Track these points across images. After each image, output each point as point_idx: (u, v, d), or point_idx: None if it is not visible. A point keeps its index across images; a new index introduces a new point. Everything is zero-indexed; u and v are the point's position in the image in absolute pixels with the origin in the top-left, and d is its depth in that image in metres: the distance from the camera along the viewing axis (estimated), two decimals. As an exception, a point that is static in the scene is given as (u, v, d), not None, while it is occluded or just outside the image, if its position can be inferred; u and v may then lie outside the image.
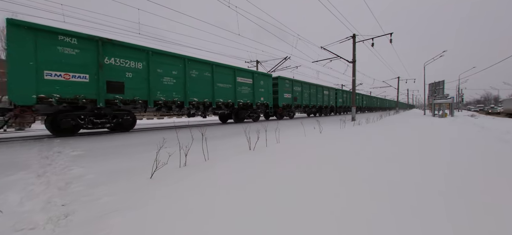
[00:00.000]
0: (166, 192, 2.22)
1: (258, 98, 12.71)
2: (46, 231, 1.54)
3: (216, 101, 10.31)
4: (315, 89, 18.93)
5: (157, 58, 8.12)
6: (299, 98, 16.68)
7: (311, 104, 18.18)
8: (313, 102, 18.51)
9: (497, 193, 2.15)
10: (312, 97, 18.40)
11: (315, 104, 18.86)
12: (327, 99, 21.28)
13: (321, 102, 19.94)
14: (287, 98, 15.36)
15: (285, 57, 19.64)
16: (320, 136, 6.24)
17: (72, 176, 2.76)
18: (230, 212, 1.78)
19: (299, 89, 16.65)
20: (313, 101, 18.52)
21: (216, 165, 3.19)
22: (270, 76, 14.05)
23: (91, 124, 7.08)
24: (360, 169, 2.97)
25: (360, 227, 1.54)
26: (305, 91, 17.45)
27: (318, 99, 19.48)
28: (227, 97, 10.83)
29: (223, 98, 10.63)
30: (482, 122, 11.26)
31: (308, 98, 17.87)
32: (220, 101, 10.46)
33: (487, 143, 5.12)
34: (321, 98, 20.09)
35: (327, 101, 21.18)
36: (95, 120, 7.12)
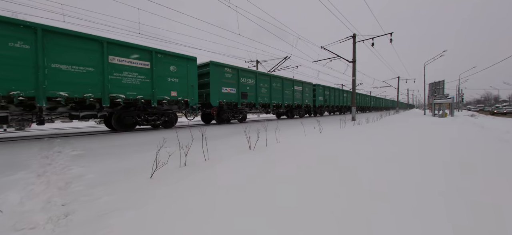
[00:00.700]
0: (166, 192, 2.22)
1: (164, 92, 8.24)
2: (46, 231, 1.54)
3: None
4: (280, 83, 14.57)
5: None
6: (252, 94, 12.47)
7: (272, 102, 13.87)
8: (276, 100, 14.26)
9: (497, 193, 2.15)
10: (274, 93, 14.09)
11: (280, 102, 14.58)
12: (300, 96, 16.82)
13: (290, 100, 15.61)
14: (228, 94, 10.99)
15: (285, 57, 19.64)
16: (320, 135, 6.24)
17: (72, 175, 2.77)
18: (230, 212, 1.78)
19: (251, 81, 12.36)
20: (276, 99, 14.24)
21: (216, 165, 3.19)
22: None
23: None
24: (360, 169, 2.97)
25: (360, 227, 1.54)
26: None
27: (286, 97, 15.17)
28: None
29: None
30: (482, 122, 11.26)
31: (268, 95, 13.58)
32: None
33: (487, 143, 5.12)
34: (291, 96, 15.66)
35: (300, 100, 16.71)
36: None
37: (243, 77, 11.92)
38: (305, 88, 17.54)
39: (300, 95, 16.75)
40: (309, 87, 18.13)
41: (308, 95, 17.87)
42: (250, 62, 22.20)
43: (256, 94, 12.74)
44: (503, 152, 4.03)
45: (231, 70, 11.18)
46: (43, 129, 12.33)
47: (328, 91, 22.05)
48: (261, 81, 13.15)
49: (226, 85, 10.93)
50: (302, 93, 17.04)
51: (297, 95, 16.44)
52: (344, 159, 3.52)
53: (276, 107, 14.73)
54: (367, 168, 3.01)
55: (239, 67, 11.76)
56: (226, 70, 10.96)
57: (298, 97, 16.54)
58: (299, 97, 16.62)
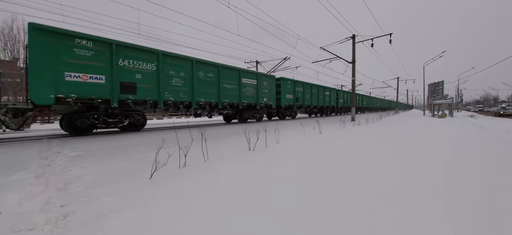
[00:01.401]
0: (165, 192, 2.21)
1: (261, 99, 12.86)
2: (45, 232, 1.53)
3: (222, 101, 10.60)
4: (316, 89, 18.85)
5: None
6: (301, 98, 16.64)
7: (312, 104, 18.12)
8: (314, 103, 18.47)
9: (497, 193, 2.15)
10: (313, 97, 18.34)
11: (316, 104, 18.78)
12: (328, 99, 21.08)
13: (322, 102, 19.83)
14: (289, 99, 15.31)
15: (285, 58, 19.65)
16: (320, 136, 6.24)
17: (71, 176, 2.76)
18: (230, 212, 1.77)
19: (301, 89, 16.64)
20: (314, 101, 18.48)
21: (216, 166, 3.19)
22: (274, 77, 14.06)
23: None
24: (360, 169, 2.97)
25: (360, 226, 1.54)
26: (306, 92, 17.37)
27: (320, 100, 19.40)
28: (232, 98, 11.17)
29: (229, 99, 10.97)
30: (481, 123, 11.29)
31: (310, 99, 17.81)
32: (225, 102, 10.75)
33: (487, 143, 5.13)
34: (322, 99, 19.94)
35: (328, 102, 20.99)
36: None
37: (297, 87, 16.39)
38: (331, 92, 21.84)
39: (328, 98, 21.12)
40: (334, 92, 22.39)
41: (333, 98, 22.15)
42: (250, 62, 22.21)
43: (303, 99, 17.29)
44: (503, 152, 4.03)
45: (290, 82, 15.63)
46: (42, 130, 12.30)
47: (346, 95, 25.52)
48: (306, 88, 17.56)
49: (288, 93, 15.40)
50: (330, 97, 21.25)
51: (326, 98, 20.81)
52: (344, 159, 3.52)
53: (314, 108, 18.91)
54: (367, 168, 3.01)
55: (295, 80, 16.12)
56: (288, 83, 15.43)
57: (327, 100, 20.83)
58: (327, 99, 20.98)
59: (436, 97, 20.68)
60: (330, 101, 21.47)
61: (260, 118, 13.85)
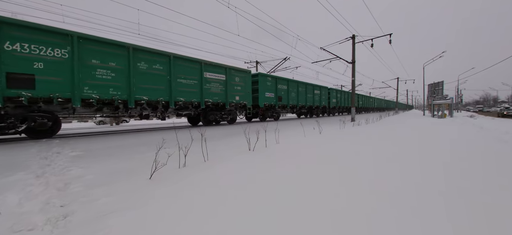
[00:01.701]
0: (165, 193, 2.21)
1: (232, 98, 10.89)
2: (44, 232, 1.53)
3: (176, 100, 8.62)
4: (304, 87, 17.13)
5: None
6: (285, 97, 14.95)
7: (299, 104, 16.39)
8: (301, 102, 16.76)
9: (497, 193, 2.15)
10: (300, 96, 16.66)
11: (304, 104, 17.10)
12: (319, 99, 19.40)
13: (311, 102, 18.16)
14: (269, 98, 13.61)
15: (284, 58, 19.66)
16: (319, 136, 6.24)
17: (71, 176, 2.75)
18: (230, 212, 1.77)
19: (284, 87, 14.87)
20: (301, 101, 16.76)
21: (216, 166, 3.19)
22: (249, 72, 12.15)
23: None
24: (360, 169, 2.97)
25: (360, 226, 1.54)
26: (292, 90, 15.61)
27: (308, 99, 17.70)
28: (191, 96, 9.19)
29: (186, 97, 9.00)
30: (481, 123, 11.29)
31: (296, 98, 16.13)
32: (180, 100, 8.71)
33: (487, 143, 5.13)
34: (311, 98, 18.20)
35: (318, 101, 19.28)
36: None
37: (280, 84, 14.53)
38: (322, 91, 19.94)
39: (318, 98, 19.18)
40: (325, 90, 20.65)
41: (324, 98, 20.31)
42: (250, 62, 22.22)
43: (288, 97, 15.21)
44: (503, 153, 4.04)
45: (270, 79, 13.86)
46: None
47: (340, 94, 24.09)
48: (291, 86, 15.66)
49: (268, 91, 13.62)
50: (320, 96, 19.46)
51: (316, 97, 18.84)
52: (343, 159, 3.52)
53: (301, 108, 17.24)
54: (367, 168, 3.01)
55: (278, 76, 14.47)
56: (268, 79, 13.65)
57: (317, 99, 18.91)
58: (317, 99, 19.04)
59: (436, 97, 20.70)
60: (320, 100, 19.70)
61: (232, 120, 11.96)
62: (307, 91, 17.55)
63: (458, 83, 34.72)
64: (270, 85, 13.70)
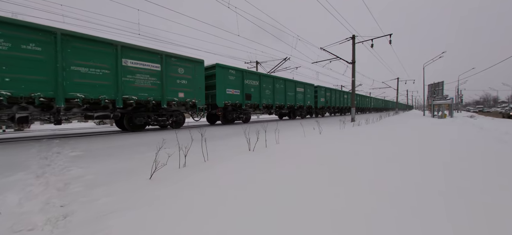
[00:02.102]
0: (165, 193, 2.21)
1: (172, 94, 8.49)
2: (44, 232, 1.53)
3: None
4: (282, 84, 14.60)
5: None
6: (256, 95, 12.50)
7: (275, 103, 13.93)
8: (279, 101, 14.28)
9: (497, 193, 2.15)
10: (278, 94, 14.19)
11: (283, 103, 14.60)
12: (302, 97, 16.83)
13: (292, 101, 15.60)
14: (232, 95, 11.10)
15: (284, 58, 19.67)
16: (319, 136, 6.24)
17: (71, 176, 2.75)
18: (230, 212, 1.77)
19: (255, 83, 12.47)
20: (279, 99, 14.28)
21: (216, 166, 3.19)
22: (199, 63, 9.52)
23: None
24: (360, 169, 2.97)
25: (360, 227, 1.54)
26: (266, 87, 13.16)
27: (289, 98, 15.21)
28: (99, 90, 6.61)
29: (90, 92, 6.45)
30: (481, 123, 11.30)
31: (272, 96, 13.64)
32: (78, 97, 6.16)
33: (487, 143, 5.13)
34: (293, 97, 15.68)
35: (301, 101, 16.73)
36: None
37: (248, 79, 12.08)
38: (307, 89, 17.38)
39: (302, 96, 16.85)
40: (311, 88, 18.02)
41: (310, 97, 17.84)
42: (250, 63, 22.23)
43: (260, 96, 12.73)
44: (503, 153, 4.03)
45: (234, 72, 11.33)
46: (42, 130, 12.30)
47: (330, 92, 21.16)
48: (264, 82, 13.07)
49: (230, 87, 11.08)
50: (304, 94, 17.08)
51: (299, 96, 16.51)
52: (343, 159, 3.52)
53: (280, 108, 14.79)
54: (367, 168, 3.01)
55: (245, 69, 12.03)
56: (230, 72, 11.09)
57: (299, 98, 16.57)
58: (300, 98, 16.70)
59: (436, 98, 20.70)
60: (305, 100, 17.01)
61: (175, 124, 9.21)
62: (287, 88, 14.90)
63: (458, 83, 34.74)
64: (233, 79, 11.12)
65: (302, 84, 16.79)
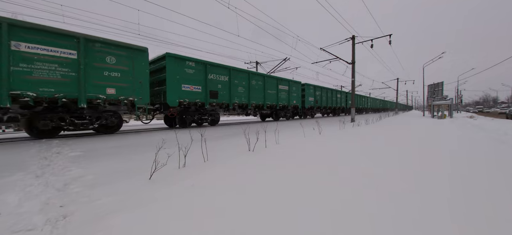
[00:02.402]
0: (165, 193, 2.21)
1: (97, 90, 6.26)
2: (44, 233, 1.53)
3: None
4: (260, 81, 14.00)
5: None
6: (225, 93, 11.79)
7: (251, 103, 13.32)
8: (256, 101, 13.74)
9: (497, 193, 2.15)
10: (254, 92, 13.52)
11: (261, 103, 14.14)
12: (286, 97, 16.39)
13: (273, 100, 15.14)
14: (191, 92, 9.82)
15: (284, 58, 19.68)
16: (319, 137, 6.25)
17: (70, 177, 2.75)
18: (230, 213, 1.77)
19: (223, 79, 11.39)
20: (256, 98, 13.71)
21: (216, 166, 3.19)
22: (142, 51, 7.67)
23: None
24: (360, 169, 2.97)
25: (360, 226, 1.54)
26: (238, 84, 12.28)
27: (269, 97, 14.69)
28: None
29: None
30: (481, 124, 11.31)
31: (246, 94, 12.95)
32: None
33: (486, 143, 5.13)
34: (274, 96, 15.25)
35: (285, 100, 16.27)
36: None
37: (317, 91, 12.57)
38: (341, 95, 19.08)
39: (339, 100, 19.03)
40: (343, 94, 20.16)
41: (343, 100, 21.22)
42: (250, 63, 22.25)
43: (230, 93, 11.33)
44: (503, 152, 4.04)
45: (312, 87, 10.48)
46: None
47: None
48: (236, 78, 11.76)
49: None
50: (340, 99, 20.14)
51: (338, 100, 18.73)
52: (344, 159, 3.52)
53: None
54: (367, 168, 3.01)
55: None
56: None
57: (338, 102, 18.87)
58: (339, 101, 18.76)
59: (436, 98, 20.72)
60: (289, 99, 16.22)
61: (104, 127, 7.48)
62: (266, 85, 13.77)
63: (458, 83, 34.78)
64: (192, 73, 9.54)
65: (286, 81, 15.67)
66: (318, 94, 19.30)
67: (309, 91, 18.15)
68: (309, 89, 18.08)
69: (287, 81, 15.75)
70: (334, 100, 22.25)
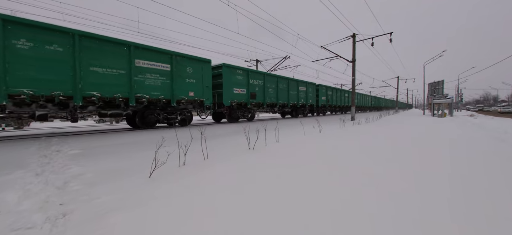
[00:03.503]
0: (165, 191, 2.20)
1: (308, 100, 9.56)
2: (43, 231, 1.53)
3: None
4: (285, 83, 14.93)
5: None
6: (260, 94, 12.80)
7: (279, 102, 14.25)
8: (282, 100, 14.61)
9: (497, 192, 2.14)
10: (281, 93, 14.44)
11: (285, 102, 14.97)
12: (304, 96, 17.21)
13: (295, 100, 16.01)
14: (238, 94, 11.44)
15: (285, 56, 19.62)
16: (319, 135, 6.24)
17: (70, 175, 2.75)
18: (230, 211, 1.77)
19: (259, 82, 12.73)
20: (282, 98, 14.60)
21: (216, 164, 3.18)
22: (207, 61, 9.87)
23: None
24: (360, 168, 2.96)
25: (360, 226, 1.54)
26: (269, 86, 13.39)
27: (291, 97, 15.55)
28: None
29: None
30: (481, 122, 11.30)
31: (275, 95, 13.91)
32: None
33: (486, 142, 5.13)
34: (295, 95, 16.00)
35: (304, 99, 17.13)
36: None
37: (253, 79, 12.49)
38: (309, 88, 18.06)
39: (304, 95, 17.47)
40: (312, 87, 18.70)
41: (312, 95, 18.54)
42: (250, 61, 22.18)
43: (264, 94, 13.18)
44: (503, 152, 4.03)
45: (241, 72, 11.77)
46: (42, 128, 12.29)
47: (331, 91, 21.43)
48: (268, 81, 13.54)
49: (237, 87, 11.51)
50: (306, 93, 17.74)
51: (301, 94, 17.12)
52: (344, 158, 3.51)
53: (282, 106, 15.22)
54: (367, 167, 3.00)
55: (250, 69, 12.49)
56: (237, 72, 11.52)
57: (302, 97, 17.19)
58: (303, 97, 17.32)
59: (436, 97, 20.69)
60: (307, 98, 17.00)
61: (183, 121, 9.80)
62: (289, 87, 15.39)
63: (458, 82, 34.71)
64: (240, 79, 11.51)
65: (304, 83, 17.21)
66: (329, 93, 21.26)
67: (322, 91, 19.96)
68: (322, 89, 19.89)
69: (305, 83, 17.35)
70: (343, 99, 24.01)
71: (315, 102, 18.98)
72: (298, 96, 16.41)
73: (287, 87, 15.24)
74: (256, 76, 12.69)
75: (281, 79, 14.72)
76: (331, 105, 21.74)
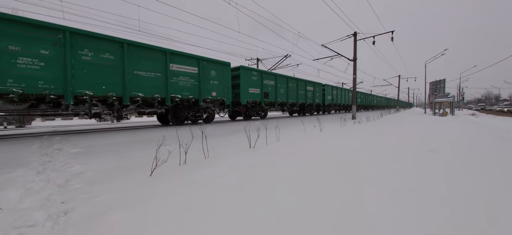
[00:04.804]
0: (166, 190, 2.21)
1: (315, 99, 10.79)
2: (45, 229, 1.53)
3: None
4: (294, 83, 15.83)
5: None
6: (272, 94, 13.66)
7: (288, 101, 15.12)
8: (292, 99, 15.47)
9: (498, 191, 2.14)
10: (290, 93, 15.33)
11: (294, 101, 15.78)
12: (312, 96, 18.08)
13: (303, 99, 16.88)
14: (253, 94, 12.34)
15: (285, 55, 19.57)
16: (320, 134, 6.23)
17: (72, 173, 2.76)
18: (231, 210, 1.77)
19: (271, 83, 13.63)
20: (292, 98, 15.47)
21: (217, 163, 3.19)
22: (227, 64, 10.89)
23: None
24: (361, 168, 2.96)
25: (360, 225, 1.54)
26: (280, 86, 14.26)
27: (300, 96, 16.42)
28: None
29: None
30: (483, 121, 11.25)
31: (285, 94, 14.81)
32: None
33: (488, 141, 5.11)
34: (303, 95, 16.88)
35: (311, 98, 17.99)
36: None
37: (266, 79, 13.37)
38: (316, 88, 18.86)
39: (311, 95, 18.26)
40: (319, 87, 19.48)
41: (318, 95, 19.39)
42: (251, 59, 22.14)
43: (276, 94, 14.05)
44: (503, 151, 4.02)
45: (255, 73, 12.63)
46: (43, 127, 12.34)
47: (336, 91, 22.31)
48: (279, 82, 14.42)
49: (252, 87, 12.36)
50: (313, 93, 18.58)
51: (309, 94, 17.90)
52: (344, 157, 3.51)
53: (292, 105, 15.96)
54: (368, 167, 3.00)
55: (264, 70, 13.36)
56: (252, 74, 12.42)
57: (309, 97, 17.99)
58: (310, 96, 18.09)
59: (438, 95, 20.61)
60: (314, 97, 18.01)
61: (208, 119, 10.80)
62: (298, 87, 16.29)
63: (460, 81, 34.55)
64: (255, 80, 12.39)
65: (311, 83, 18.05)
66: (335, 93, 22.26)
67: (328, 90, 20.84)
68: (328, 89, 20.79)
69: (312, 83, 18.19)
70: (346, 98, 24.90)
71: (321, 101, 19.91)
72: (306, 95, 17.26)
73: (296, 87, 16.08)
74: (269, 77, 13.57)
75: (291, 79, 15.58)
76: (336, 104, 22.64)
